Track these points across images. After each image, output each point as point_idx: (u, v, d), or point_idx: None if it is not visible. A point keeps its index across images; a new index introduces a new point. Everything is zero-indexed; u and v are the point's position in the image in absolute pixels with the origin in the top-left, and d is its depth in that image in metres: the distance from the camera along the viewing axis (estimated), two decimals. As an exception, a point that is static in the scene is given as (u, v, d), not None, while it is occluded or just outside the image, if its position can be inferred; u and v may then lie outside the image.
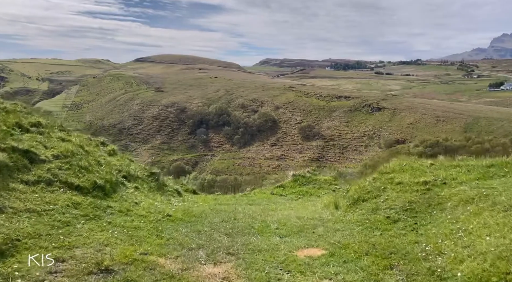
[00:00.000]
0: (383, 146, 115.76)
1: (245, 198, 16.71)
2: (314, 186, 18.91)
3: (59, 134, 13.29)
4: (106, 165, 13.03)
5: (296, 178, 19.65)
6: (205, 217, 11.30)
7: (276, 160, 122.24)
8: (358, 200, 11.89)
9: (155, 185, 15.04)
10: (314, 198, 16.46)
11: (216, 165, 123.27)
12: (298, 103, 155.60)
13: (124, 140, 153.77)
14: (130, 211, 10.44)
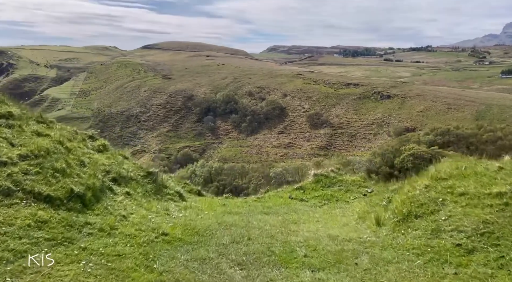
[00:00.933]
0: (392, 134, 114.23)
1: (259, 204, 14.52)
2: (340, 188, 16.58)
3: (35, 127, 11.15)
4: (92, 166, 11.00)
5: (318, 179, 17.32)
6: (211, 235, 9.34)
7: (283, 148, 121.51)
8: (409, 216, 9.37)
9: (152, 188, 13.08)
10: (343, 205, 14.44)
11: (223, 153, 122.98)
12: (306, 91, 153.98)
13: (132, 127, 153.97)
14: (114, 229, 8.27)
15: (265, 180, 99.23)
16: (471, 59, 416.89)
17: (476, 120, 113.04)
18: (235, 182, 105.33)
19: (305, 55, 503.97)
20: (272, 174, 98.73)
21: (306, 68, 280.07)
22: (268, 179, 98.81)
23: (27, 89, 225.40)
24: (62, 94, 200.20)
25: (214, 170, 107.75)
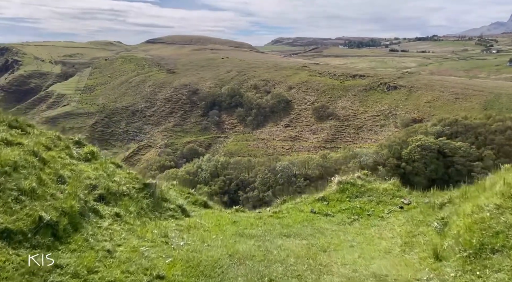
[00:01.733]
0: (399, 126, 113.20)
1: (276, 221, 12.37)
2: (370, 199, 14.14)
3: (4, 135, 9.01)
4: (73, 181, 8.90)
5: (343, 188, 14.91)
6: (221, 275, 7.47)
7: (289, 141, 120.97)
8: (483, 250, 6.99)
9: (149, 204, 11.07)
10: (377, 221, 12.07)
11: (229, 147, 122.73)
12: (311, 83, 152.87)
13: (137, 122, 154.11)
14: (93, 273, 6.16)
15: (271, 173, 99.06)
16: (478, 48, 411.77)
17: (485, 109, 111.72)
18: (241, 176, 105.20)
19: (309, 47, 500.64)
20: (279, 168, 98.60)
21: (311, 60, 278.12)
22: (275, 172, 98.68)
23: (33, 85, 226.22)
24: (67, 90, 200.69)
25: (220, 164, 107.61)
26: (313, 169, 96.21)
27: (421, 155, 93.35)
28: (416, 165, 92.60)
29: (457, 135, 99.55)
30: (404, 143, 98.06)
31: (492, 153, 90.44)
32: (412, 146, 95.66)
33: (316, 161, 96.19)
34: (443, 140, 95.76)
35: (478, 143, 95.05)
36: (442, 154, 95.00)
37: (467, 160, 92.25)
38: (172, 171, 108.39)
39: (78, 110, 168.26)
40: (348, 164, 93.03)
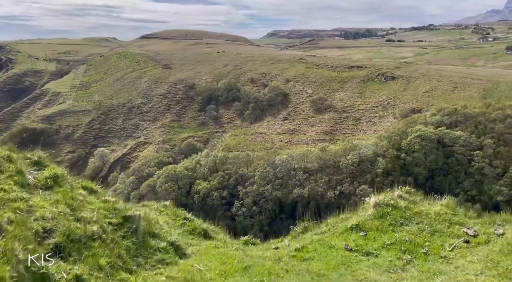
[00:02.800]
0: (398, 116, 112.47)
1: (303, 266, 9.43)
2: (420, 227, 10.93)
3: None
4: (14, 229, 6.19)
5: (382, 212, 11.78)
6: None
7: (288, 135, 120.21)
8: None
9: (130, 247, 8.55)
10: (441, 265, 9.05)
11: (227, 142, 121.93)
12: (308, 75, 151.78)
13: (134, 119, 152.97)
14: None
15: (270, 167, 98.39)
16: (475, 36, 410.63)
17: (484, 98, 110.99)
18: (240, 171, 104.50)
19: (306, 39, 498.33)
20: (278, 162, 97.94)
21: (307, 52, 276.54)
22: (274, 166, 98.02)
23: (27, 83, 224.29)
24: (62, 87, 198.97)
25: (219, 159, 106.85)
26: (312, 162, 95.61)
27: (421, 145, 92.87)
28: (416, 156, 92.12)
29: (456, 124, 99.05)
30: (404, 133, 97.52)
31: (492, 142, 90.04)
32: (412, 137, 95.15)
33: (315, 154, 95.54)
34: (443, 130, 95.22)
35: (477, 132, 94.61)
36: (442, 144, 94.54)
37: (467, 149, 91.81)
38: (171, 167, 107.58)
39: (74, 108, 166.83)
40: (348, 157, 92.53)
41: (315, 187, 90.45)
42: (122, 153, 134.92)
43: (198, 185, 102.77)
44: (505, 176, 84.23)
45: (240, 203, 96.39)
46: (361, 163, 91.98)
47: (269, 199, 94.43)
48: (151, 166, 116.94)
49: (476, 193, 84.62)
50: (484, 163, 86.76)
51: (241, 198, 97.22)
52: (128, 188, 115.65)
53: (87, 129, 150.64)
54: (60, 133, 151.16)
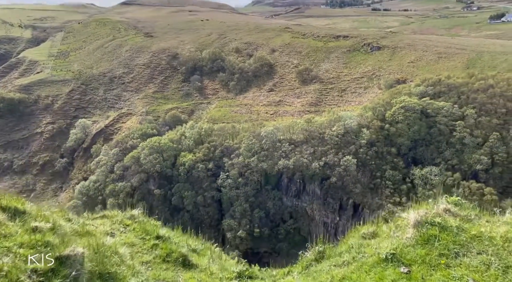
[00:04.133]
0: (383, 87, 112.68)
1: None
2: (482, 257, 7.82)
3: None
4: None
5: (427, 234, 8.47)
6: None
7: (273, 106, 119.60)
8: None
9: None
10: None
11: (212, 113, 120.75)
12: (294, 45, 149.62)
13: (116, 89, 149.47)
14: None
15: (256, 139, 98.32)
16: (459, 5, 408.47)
17: (467, 68, 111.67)
18: (226, 143, 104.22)
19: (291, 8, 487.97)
20: (263, 134, 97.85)
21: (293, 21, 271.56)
22: (260, 138, 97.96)
23: (2, 51, 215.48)
24: (39, 56, 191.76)
25: (204, 131, 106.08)
26: (298, 134, 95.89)
27: (405, 116, 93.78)
28: (400, 127, 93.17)
29: (440, 95, 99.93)
30: (388, 104, 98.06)
31: (474, 112, 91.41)
32: (396, 108, 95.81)
33: (300, 126, 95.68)
34: (426, 100, 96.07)
35: (460, 102, 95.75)
36: (425, 114, 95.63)
37: (449, 119, 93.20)
38: (155, 139, 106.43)
39: (52, 78, 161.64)
40: (333, 128, 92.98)
41: (300, 158, 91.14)
42: (105, 124, 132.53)
43: (183, 157, 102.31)
44: (485, 146, 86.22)
45: (226, 174, 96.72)
46: (346, 134, 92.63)
47: (254, 171, 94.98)
48: (135, 138, 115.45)
49: (457, 162, 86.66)
50: (465, 133, 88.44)
51: (227, 170, 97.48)
52: (112, 160, 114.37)
53: (67, 100, 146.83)
54: (39, 103, 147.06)
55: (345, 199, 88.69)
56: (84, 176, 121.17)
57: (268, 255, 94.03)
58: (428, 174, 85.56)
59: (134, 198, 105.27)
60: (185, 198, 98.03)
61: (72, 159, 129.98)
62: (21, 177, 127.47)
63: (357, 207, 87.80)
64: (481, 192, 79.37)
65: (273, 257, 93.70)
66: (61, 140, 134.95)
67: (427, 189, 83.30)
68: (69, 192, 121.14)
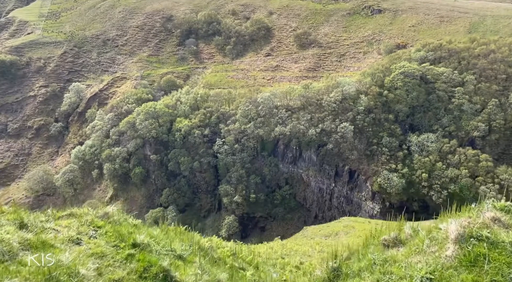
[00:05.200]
0: (383, 52, 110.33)
1: None
2: None
3: None
4: None
5: (473, 253, 6.46)
6: None
7: (270, 71, 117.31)
8: None
9: None
10: None
11: (208, 78, 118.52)
12: (293, 8, 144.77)
13: (110, 52, 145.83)
14: None
15: (253, 105, 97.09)
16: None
17: (469, 33, 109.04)
18: (222, 109, 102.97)
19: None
20: (260, 99, 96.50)
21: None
22: (256, 104, 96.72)
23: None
24: (29, 16, 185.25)
25: (200, 96, 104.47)
26: (295, 100, 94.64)
27: (404, 82, 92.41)
28: (398, 93, 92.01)
29: (440, 60, 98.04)
30: (387, 70, 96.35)
31: (473, 78, 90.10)
32: (395, 73, 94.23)
33: (298, 92, 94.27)
34: (426, 66, 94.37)
35: (460, 68, 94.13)
36: (425, 80, 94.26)
37: (448, 86, 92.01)
38: (150, 104, 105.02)
39: (44, 39, 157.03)
40: (330, 94, 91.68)
41: (297, 125, 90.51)
42: (99, 88, 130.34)
43: (179, 123, 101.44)
44: (483, 112, 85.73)
45: (222, 141, 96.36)
46: (344, 100, 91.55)
47: (251, 137, 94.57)
48: (130, 103, 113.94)
49: (454, 129, 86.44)
50: (464, 100, 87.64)
51: (223, 136, 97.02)
52: (107, 125, 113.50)
53: (60, 63, 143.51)
54: (31, 66, 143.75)
55: (341, 166, 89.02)
56: (79, 140, 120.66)
57: (264, 220, 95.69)
58: (425, 141, 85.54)
59: (130, 163, 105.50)
60: (181, 163, 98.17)
61: (67, 123, 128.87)
62: (16, 141, 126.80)
63: (352, 174, 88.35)
64: (476, 158, 79.76)
65: (269, 222, 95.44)
66: (55, 104, 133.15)
67: (423, 156, 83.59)
68: (65, 156, 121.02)
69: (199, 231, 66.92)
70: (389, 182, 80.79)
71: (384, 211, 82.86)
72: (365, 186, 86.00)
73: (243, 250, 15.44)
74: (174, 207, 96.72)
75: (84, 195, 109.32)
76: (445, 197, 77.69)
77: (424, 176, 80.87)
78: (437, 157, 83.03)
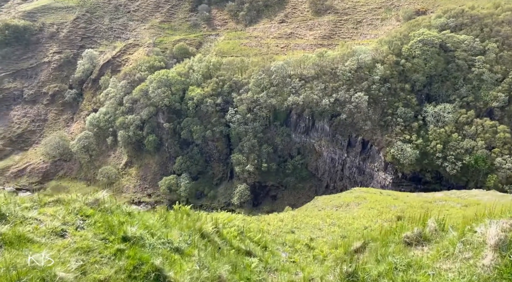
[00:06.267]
0: (401, 19, 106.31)
1: None
2: None
3: None
4: None
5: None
6: None
7: (284, 39, 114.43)
8: None
9: None
10: None
11: (221, 46, 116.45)
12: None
13: (122, 18, 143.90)
14: None
15: (266, 74, 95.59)
16: None
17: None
18: (234, 77, 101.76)
19: None
20: (273, 68, 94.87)
21: None
22: (269, 73, 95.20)
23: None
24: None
25: (213, 65, 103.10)
26: (309, 69, 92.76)
27: (422, 50, 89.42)
28: (416, 62, 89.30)
29: (461, 27, 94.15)
30: (405, 38, 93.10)
31: (496, 46, 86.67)
32: (414, 41, 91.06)
33: (312, 60, 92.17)
34: (447, 33, 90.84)
35: (482, 35, 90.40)
36: (444, 48, 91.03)
37: (469, 54, 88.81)
38: (163, 72, 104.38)
39: (56, 4, 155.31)
40: (345, 63, 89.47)
41: (310, 94, 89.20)
42: (112, 55, 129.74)
43: (192, 91, 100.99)
44: (503, 82, 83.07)
45: (234, 110, 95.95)
46: (359, 69, 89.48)
47: (263, 107, 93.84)
48: (143, 70, 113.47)
49: (472, 99, 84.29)
50: (484, 69, 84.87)
51: (235, 105, 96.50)
52: (120, 92, 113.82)
53: (73, 28, 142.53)
54: (44, 31, 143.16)
55: (354, 136, 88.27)
56: (93, 107, 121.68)
57: (276, 189, 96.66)
58: (441, 111, 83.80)
59: (144, 131, 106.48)
60: (194, 132, 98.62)
61: (81, 90, 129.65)
62: (32, 107, 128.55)
63: (365, 144, 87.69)
64: (494, 129, 78.21)
65: (280, 191, 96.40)
66: (69, 70, 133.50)
67: (439, 127, 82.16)
68: (80, 123, 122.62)
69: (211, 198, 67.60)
70: (402, 153, 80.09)
71: (397, 182, 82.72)
72: (378, 156, 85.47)
73: (252, 227, 15.13)
74: (187, 175, 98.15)
75: (99, 161, 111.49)
76: (459, 168, 77.00)
77: (439, 147, 79.83)
78: (453, 128, 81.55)
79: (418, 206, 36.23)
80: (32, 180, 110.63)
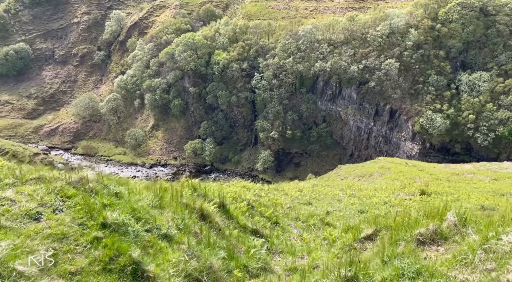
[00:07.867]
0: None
1: None
2: None
3: None
4: None
5: None
6: None
7: (314, 2, 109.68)
8: None
9: None
10: None
11: (248, 9, 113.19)
12: None
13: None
14: None
15: (293, 39, 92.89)
16: None
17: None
18: (261, 42, 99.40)
19: None
20: (301, 33, 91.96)
21: None
22: (297, 37, 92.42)
23: None
24: None
25: (239, 28, 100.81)
26: (338, 34, 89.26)
27: (460, 14, 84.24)
28: (453, 27, 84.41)
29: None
30: (443, 1, 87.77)
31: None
32: (452, 4, 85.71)
33: (342, 25, 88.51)
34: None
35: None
36: (485, 12, 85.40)
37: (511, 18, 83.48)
38: (189, 35, 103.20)
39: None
40: (377, 28, 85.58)
41: (338, 60, 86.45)
42: (139, 17, 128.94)
43: (218, 55, 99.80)
44: (549, 48, 78.10)
45: (260, 75, 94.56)
46: (391, 35, 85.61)
47: (289, 73, 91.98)
48: (169, 33, 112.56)
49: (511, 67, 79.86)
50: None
51: (261, 71, 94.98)
52: (147, 55, 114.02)
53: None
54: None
55: (382, 105, 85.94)
56: (121, 70, 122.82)
57: (299, 156, 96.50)
58: (477, 80, 79.96)
59: (170, 94, 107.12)
60: (219, 97, 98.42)
61: (109, 52, 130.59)
62: (63, 68, 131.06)
63: (393, 113, 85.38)
64: (532, 101, 74.41)
65: (304, 158, 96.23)
66: (97, 31, 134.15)
67: (473, 96, 78.70)
68: (108, 85, 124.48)
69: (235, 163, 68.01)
70: (432, 123, 77.66)
71: (424, 152, 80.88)
72: (406, 126, 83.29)
73: (265, 200, 14.60)
74: (212, 140, 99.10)
75: (127, 123, 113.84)
76: (491, 139, 74.31)
77: (471, 117, 76.86)
78: (488, 98, 77.98)
79: (445, 178, 35.14)
80: (64, 139, 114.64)
